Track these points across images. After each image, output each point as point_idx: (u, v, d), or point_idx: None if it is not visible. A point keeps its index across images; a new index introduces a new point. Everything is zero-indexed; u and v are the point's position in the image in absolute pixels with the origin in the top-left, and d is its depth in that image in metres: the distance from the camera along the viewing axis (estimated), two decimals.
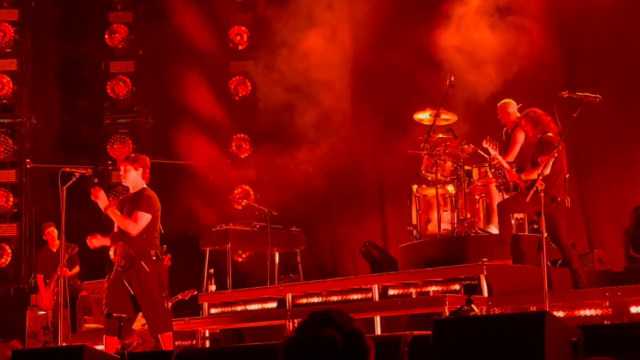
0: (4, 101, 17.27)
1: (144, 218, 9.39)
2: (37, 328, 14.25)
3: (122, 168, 9.75)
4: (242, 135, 17.10)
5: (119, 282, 9.42)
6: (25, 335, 14.28)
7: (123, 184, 9.98)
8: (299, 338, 2.77)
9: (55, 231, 13.85)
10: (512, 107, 11.37)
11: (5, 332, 13.96)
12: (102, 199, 9.42)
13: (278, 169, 15.95)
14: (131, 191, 9.73)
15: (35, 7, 17.34)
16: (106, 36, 17.36)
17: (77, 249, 13.54)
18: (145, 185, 9.67)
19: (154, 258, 9.45)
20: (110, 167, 16.94)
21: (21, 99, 17.54)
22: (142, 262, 9.33)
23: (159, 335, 9.37)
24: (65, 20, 17.25)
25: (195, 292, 12.10)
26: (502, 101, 11.50)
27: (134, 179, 9.63)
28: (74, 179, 9.85)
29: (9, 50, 17.28)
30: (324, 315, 2.82)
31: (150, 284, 9.37)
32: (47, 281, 13.86)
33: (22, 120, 17.46)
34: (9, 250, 16.62)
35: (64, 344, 10.50)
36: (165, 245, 13.77)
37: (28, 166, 16.66)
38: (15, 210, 16.79)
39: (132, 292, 9.31)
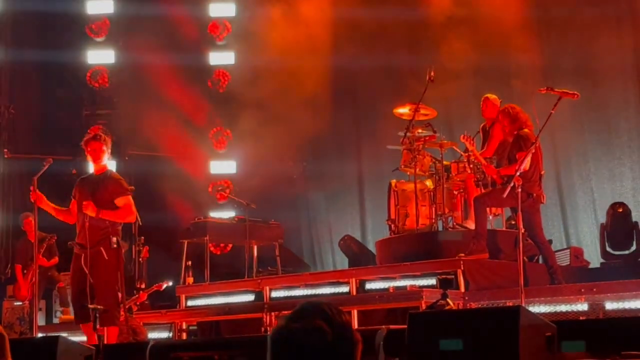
0: None
1: (131, 201, 9.34)
2: (13, 319, 14.19)
3: (91, 148, 9.53)
4: (221, 127, 17.06)
5: (78, 270, 9.22)
6: (1, 325, 14.20)
7: (93, 164, 9.69)
8: (289, 328, 2.77)
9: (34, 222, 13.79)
10: (494, 101, 11.40)
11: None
12: (91, 208, 9.20)
13: (257, 162, 15.95)
14: (94, 173, 9.56)
15: None
16: (86, 27, 17.27)
17: (56, 238, 13.49)
18: (108, 167, 9.54)
19: (115, 246, 9.21)
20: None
21: (0, 89, 17.44)
22: (102, 248, 9.14)
23: (105, 328, 9.09)
24: (45, 10, 17.15)
25: (170, 283, 12.08)
26: (485, 95, 11.52)
27: (104, 159, 9.54)
28: (44, 168, 9.76)
29: None
30: (315, 306, 2.82)
31: (105, 272, 9.13)
32: (25, 271, 13.80)
33: (0, 110, 17.37)
34: None
35: (39, 335, 10.46)
36: (143, 237, 13.79)
37: (6, 156, 16.57)
38: None
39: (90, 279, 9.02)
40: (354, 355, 2.78)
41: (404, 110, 12.05)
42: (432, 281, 9.84)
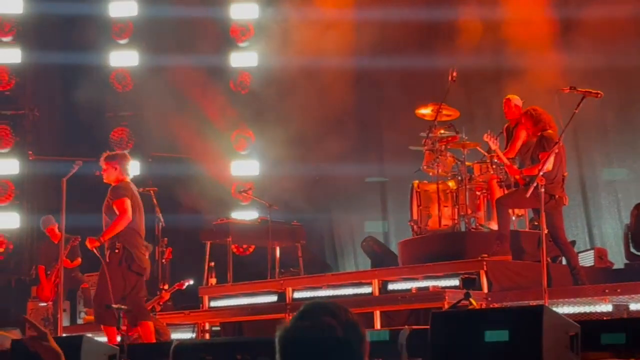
0: (7, 93, 17.30)
1: (125, 204, 9.86)
2: (37, 319, 14.26)
3: (102, 168, 10.20)
4: (244, 129, 17.10)
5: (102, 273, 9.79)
6: (26, 326, 14.28)
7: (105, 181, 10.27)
8: (297, 327, 2.79)
9: (57, 227, 13.85)
10: (517, 102, 11.36)
11: (5, 323, 13.96)
12: (89, 244, 9.87)
13: (279, 163, 15.98)
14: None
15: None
16: (110, 29, 17.38)
17: (79, 239, 13.55)
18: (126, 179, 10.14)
19: (116, 251, 9.70)
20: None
21: (24, 91, 17.57)
22: (108, 252, 9.71)
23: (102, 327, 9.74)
24: (68, 12, 17.24)
25: (191, 282, 12.11)
26: (508, 96, 11.49)
27: (112, 177, 10.19)
28: (73, 170, 9.91)
29: (12, 42, 17.32)
30: (320, 304, 2.84)
31: (103, 277, 9.70)
32: (49, 272, 13.87)
33: (24, 112, 17.50)
34: (11, 242, 16.66)
35: (64, 335, 10.53)
36: (166, 238, 13.84)
37: (30, 158, 16.68)
38: (17, 202, 16.83)
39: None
40: (362, 350, 2.80)
41: (426, 111, 12.04)
42: (455, 282, 9.83)
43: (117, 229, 9.78)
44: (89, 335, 8.84)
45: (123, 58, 17.37)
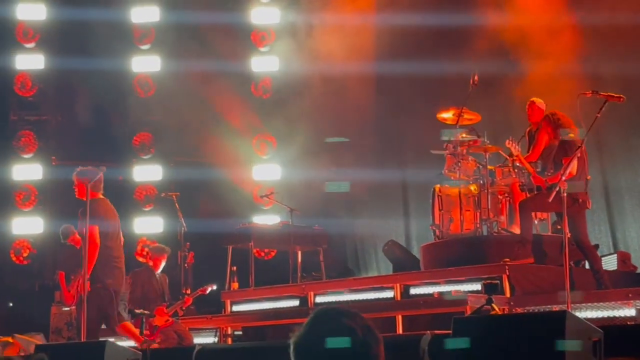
0: (30, 99, 17.43)
1: (92, 231, 10.11)
2: (61, 324, 14.33)
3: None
4: (265, 134, 17.13)
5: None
6: (50, 331, 14.36)
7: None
8: (314, 332, 2.79)
9: (77, 235, 13.89)
10: (541, 105, 11.32)
11: (29, 328, 14.05)
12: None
13: (301, 168, 16.00)
14: None
15: (62, 5, 17.48)
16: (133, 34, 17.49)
17: None
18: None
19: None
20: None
21: (47, 97, 17.69)
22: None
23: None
24: (90, 18, 17.34)
25: (214, 287, 12.14)
26: (532, 99, 11.45)
27: (83, 194, 10.21)
28: (98, 175, 9.99)
29: (35, 48, 17.45)
30: (334, 309, 2.86)
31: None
32: (72, 277, 13.91)
33: (47, 117, 17.62)
34: (34, 247, 16.76)
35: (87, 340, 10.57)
36: (188, 243, 13.89)
37: (53, 164, 16.78)
38: (41, 207, 16.94)
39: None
40: (380, 352, 2.81)
41: (447, 115, 12.03)
42: (477, 286, 9.80)
43: (92, 259, 10.12)
44: (112, 340, 8.90)
45: (145, 63, 17.46)
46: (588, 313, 9.00)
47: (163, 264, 12.08)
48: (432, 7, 15.02)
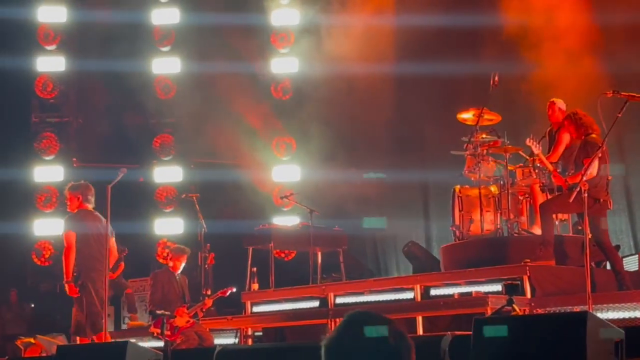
0: (51, 101, 17.54)
1: (68, 237, 10.72)
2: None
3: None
4: (285, 135, 17.16)
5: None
6: (70, 332, 14.42)
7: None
8: (347, 335, 2.79)
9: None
10: (561, 105, 11.28)
11: (51, 328, 14.14)
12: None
13: (320, 169, 16.01)
14: None
15: (82, 8, 17.58)
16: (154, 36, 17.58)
17: (127, 252, 13.65)
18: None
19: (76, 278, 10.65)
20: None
21: (68, 99, 17.79)
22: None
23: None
24: (110, 21, 17.42)
25: (234, 289, 12.16)
26: (552, 99, 11.42)
27: (72, 206, 10.84)
28: (118, 177, 10.07)
29: (56, 50, 17.56)
30: (367, 314, 2.85)
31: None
32: None
33: (69, 119, 17.73)
34: (56, 248, 16.84)
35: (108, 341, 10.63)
36: (208, 244, 13.92)
37: (74, 165, 16.87)
38: (62, 208, 17.01)
39: None
40: (411, 358, 2.80)
41: (467, 116, 11.99)
42: (498, 287, 9.76)
43: (69, 264, 10.56)
44: (133, 340, 8.94)
45: (165, 65, 17.53)
46: (609, 314, 8.95)
47: (183, 265, 12.12)
48: (451, 8, 15.01)
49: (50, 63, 17.59)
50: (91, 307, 10.40)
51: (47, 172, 17.14)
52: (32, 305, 16.88)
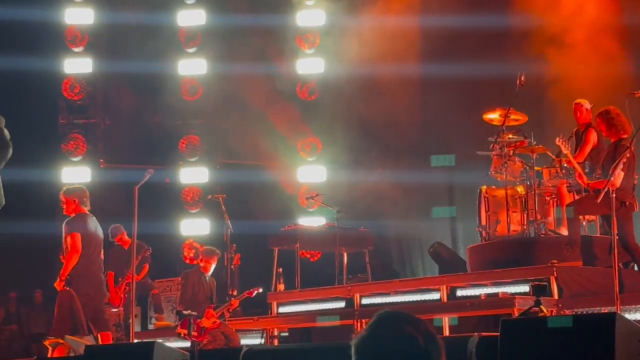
0: (79, 102, 17.65)
1: (74, 239, 10.79)
2: (109, 325, 14.47)
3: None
4: (310, 136, 17.17)
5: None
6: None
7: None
8: (377, 337, 2.79)
9: (125, 235, 14.02)
10: (588, 106, 11.23)
11: (79, 329, 14.20)
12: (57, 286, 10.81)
13: (346, 170, 16.01)
14: None
15: (109, 9, 17.68)
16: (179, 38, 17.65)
17: (151, 251, 13.71)
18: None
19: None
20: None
21: (95, 100, 17.90)
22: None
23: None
24: (138, 21, 17.50)
25: (260, 290, 12.19)
26: (578, 100, 11.36)
27: (69, 210, 11.04)
28: (145, 178, 10.14)
29: (84, 52, 17.67)
30: (398, 314, 2.84)
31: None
32: (119, 279, 14.05)
33: (96, 120, 17.84)
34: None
35: (136, 341, 10.69)
36: (235, 245, 13.96)
37: (101, 166, 16.97)
38: (89, 209, 17.10)
39: None
40: (442, 359, 2.79)
41: (493, 116, 11.96)
42: (524, 288, 9.72)
43: (70, 265, 10.65)
44: (160, 340, 8.98)
45: (191, 66, 17.60)
46: (638, 315, 8.89)
47: (213, 266, 12.16)
48: (476, 8, 14.96)
49: (77, 65, 17.71)
50: (72, 309, 10.68)
51: (75, 173, 17.25)
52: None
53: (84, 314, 10.65)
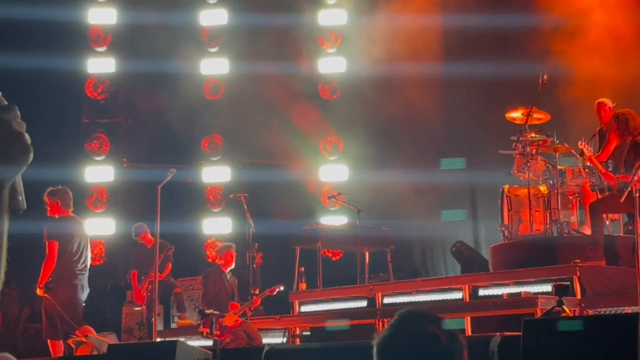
0: (102, 102, 17.74)
1: (51, 247, 10.84)
2: (132, 324, 14.54)
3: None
4: (332, 135, 17.17)
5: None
6: (121, 330, 14.58)
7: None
8: (399, 336, 2.79)
9: (149, 234, 14.07)
10: (610, 105, 11.18)
11: (102, 327, 14.29)
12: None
13: (368, 169, 16.00)
14: None
15: (132, 9, 17.76)
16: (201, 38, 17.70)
17: (173, 250, 13.75)
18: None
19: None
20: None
21: (118, 100, 17.99)
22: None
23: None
24: (159, 21, 17.56)
25: (282, 288, 12.20)
26: (600, 99, 11.31)
27: (53, 212, 11.01)
28: (168, 177, 10.18)
29: (106, 52, 17.76)
30: (419, 312, 2.84)
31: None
32: (142, 278, 14.11)
33: (119, 120, 17.92)
34: (106, 248, 17.05)
35: (158, 340, 10.74)
36: (257, 244, 13.99)
37: (124, 166, 17.04)
38: (112, 208, 17.22)
39: None
40: (464, 358, 2.79)
41: (516, 115, 11.92)
42: (547, 288, 9.69)
43: (46, 272, 10.75)
44: (183, 339, 9.02)
45: (213, 66, 17.64)
46: None
47: (233, 263, 12.18)
48: (497, 6, 14.93)
49: (100, 64, 17.81)
50: (52, 311, 10.87)
51: (98, 173, 17.35)
52: (83, 304, 17.04)
53: (67, 316, 10.84)
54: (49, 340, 11.16)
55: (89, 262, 11.26)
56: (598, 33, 13.56)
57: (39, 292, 10.91)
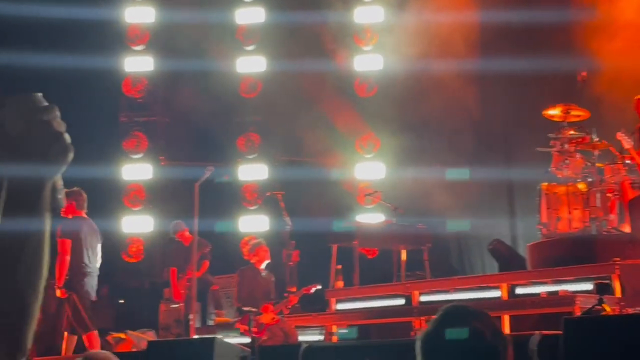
0: (140, 100, 17.85)
1: (63, 246, 11.04)
2: (170, 321, 14.61)
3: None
4: (369, 132, 17.15)
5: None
6: (159, 327, 14.67)
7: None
8: (442, 330, 2.78)
9: (187, 232, 14.13)
10: None
11: (139, 324, 14.39)
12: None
13: (405, 167, 15.95)
14: None
15: (169, 8, 17.84)
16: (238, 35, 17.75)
17: (210, 247, 13.80)
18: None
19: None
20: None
21: (156, 98, 18.09)
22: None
23: None
24: (196, 20, 17.62)
25: (319, 287, 12.21)
26: (638, 96, 11.21)
27: (69, 212, 11.14)
28: (205, 175, 10.24)
29: (144, 50, 17.87)
30: (464, 309, 2.83)
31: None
32: (180, 275, 14.18)
33: (156, 118, 18.03)
34: (144, 245, 17.16)
35: (196, 337, 10.79)
36: (293, 241, 14.02)
37: (162, 164, 17.14)
38: (150, 206, 17.32)
39: None
40: (508, 355, 2.78)
41: (554, 112, 11.84)
42: (586, 286, 9.62)
43: (62, 271, 10.91)
44: (220, 336, 9.06)
45: (250, 64, 17.69)
46: None
47: (266, 259, 12.19)
48: (535, 2, 14.82)
49: (138, 63, 17.93)
50: (76, 312, 10.99)
51: (136, 170, 17.47)
52: (121, 302, 17.20)
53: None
54: (66, 333, 11.30)
55: (97, 264, 11.33)
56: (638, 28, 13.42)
57: (58, 293, 11.02)
